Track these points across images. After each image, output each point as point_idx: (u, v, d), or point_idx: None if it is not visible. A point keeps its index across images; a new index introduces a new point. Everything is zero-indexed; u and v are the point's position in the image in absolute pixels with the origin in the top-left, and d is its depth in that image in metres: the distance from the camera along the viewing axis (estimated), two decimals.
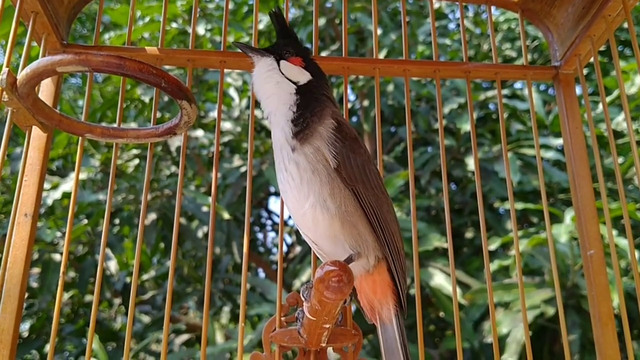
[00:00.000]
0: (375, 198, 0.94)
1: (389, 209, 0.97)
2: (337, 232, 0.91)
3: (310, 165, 0.92)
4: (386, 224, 0.93)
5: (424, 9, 3.94)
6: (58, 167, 3.75)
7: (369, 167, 0.96)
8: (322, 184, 0.91)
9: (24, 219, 1.00)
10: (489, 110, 3.63)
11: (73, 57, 0.83)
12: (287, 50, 1.04)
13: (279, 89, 1.00)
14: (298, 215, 0.96)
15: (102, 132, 1.00)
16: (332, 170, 0.92)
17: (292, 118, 0.97)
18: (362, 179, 0.93)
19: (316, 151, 0.93)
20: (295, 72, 1.02)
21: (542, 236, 2.68)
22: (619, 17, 1.11)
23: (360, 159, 0.95)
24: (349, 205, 0.91)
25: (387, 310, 0.96)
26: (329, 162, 0.92)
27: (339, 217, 0.91)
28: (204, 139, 3.42)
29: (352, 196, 0.92)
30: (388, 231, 0.93)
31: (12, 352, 0.94)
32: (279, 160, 0.97)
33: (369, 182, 0.94)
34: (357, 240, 0.92)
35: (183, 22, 3.42)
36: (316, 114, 0.97)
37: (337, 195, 0.91)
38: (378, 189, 0.96)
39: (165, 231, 3.33)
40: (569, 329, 2.48)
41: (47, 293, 2.95)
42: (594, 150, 1.10)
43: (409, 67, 1.23)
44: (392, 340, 0.94)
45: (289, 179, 0.94)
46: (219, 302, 3.51)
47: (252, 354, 1.03)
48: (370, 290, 0.97)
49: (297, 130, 0.95)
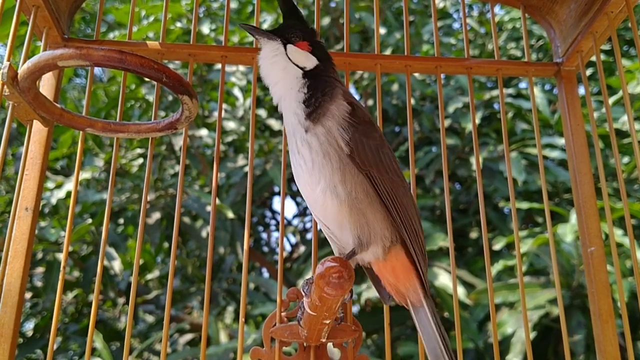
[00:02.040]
0: (390, 182, 0.93)
1: (405, 192, 0.95)
2: (345, 219, 0.91)
3: (322, 149, 0.91)
4: (403, 207, 0.92)
5: (428, 9, 3.94)
6: (62, 167, 3.76)
7: (383, 151, 0.94)
8: (333, 170, 0.90)
9: (25, 213, 1.00)
10: (494, 110, 3.62)
11: (74, 51, 0.84)
12: (294, 33, 1.02)
13: (286, 74, 0.99)
14: (310, 200, 0.95)
15: (103, 127, 1.00)
16: (345, 155, 0.91)
17: (304, 99, 0.95)
18: (377, 163, 0.92)
19: (328, 132, 0.91)
20: (303, 57, 1.01)
21: (547, 236, 2.67)
22: (621, 14, 1.11)
23: (374, 142, 0.93)
24: (360, 192, 0.90)
25: (415, 293, 0.95)
26: (342, 147, 0.91)
27: (348, 204, 0.90)
28: (208, 139, 3.42)
29: (365, 181, 0.91)
30: (405, 214, 0.92)
31: (12, 346, 0.95)
32: (292, 143, 0.96)
33: (384, 166, 0.93)
34: (363, 229, 0.91)
35: (187, 22, 3.43)
36: (327, 93, 0.95)
37: (349, 182, 0.90)
38: (393, 172, 0.94)
39: (170, 230, 3.34)
40: (574, 329, 2.47)
41: (51, 292, 2.95)
42: (595, 147, 1.10)
43: (411, 63, 1.23)
44: (427, 322, 0.94)
45: (301, 163, 0.94)
46: (223, 301, 3.51)
47: (252, 349, 1.03)
48: (391, 276, 0.96)
49: (310, 111, 0.93)
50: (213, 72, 3.48)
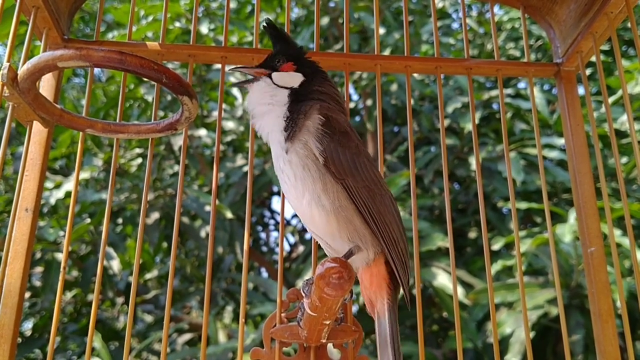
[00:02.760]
0: (366, 190, 0.93)
1: (382, 200, 0.96)
2: (334, 229, 0.92)
3: (301, 161, 0.93)
4: (380, 215, 0.93)
5: (427, 9, 3.94)
6: (61, 167, 3.76)
7: (359, 160, 0.95)
8: (314, 180, 0.92)
9: (25, 213, 1.00)
10: (493, 110, 3.62)
11: (74, 52, 0.83)
12: (278, 59, 1.05)
13: (273, 105, 1.02)
14: (300, 214, 0.97)
15: (103, 128, 1.00)
16: (322, 165, 0.92)
17: (284, 127, 0.98)
18: (352, 172, 0.93)
19: (304, 146, 0.93)
20: (287, 78, 1.03)
21: (546, 236, 2.67)
22: (621, 14, 1.10)
23: (349, 152, 0.95)
24: (343, 200, 0.91)
25: (382, 304, 0.95)
26: (317, 157, 0.92)
27: (334, 213, 0.91)
28: (207, 139, 3.42)
29: (343, 190, 0.92)
30: (382, 223, 0.93)
31: (12, 347, 0.95)
32: (277, 165, 0.98)
33: (360, 175, 0.94)
34: (354, 235, 0.92)
35: (186, 22, 3.43)
36: (303, 112, 0.97)
37: (330, 191, 0.91)
38: (370, 181, 0.95)
39: (168, 230, 3.34)
40: (573, 329, 2.47)
41: (50, 292, 2.95)
42: (595, 147, 1.10)
43: (410, 63, 1.23)
44: (384, 335, 0.93)
45: (285, 179, 0.96)
46: (222, 301, 3.51)
47: (252, 349, 1.03)
48: (368, 283, 0.96)
49: (288, 134, 0.96)
50: (212, 72, 3.48)
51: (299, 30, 3.75)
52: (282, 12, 3.89)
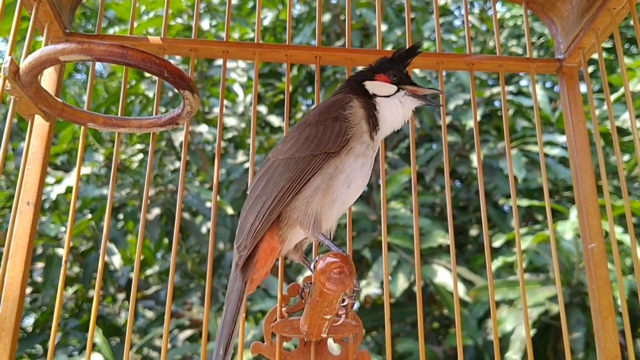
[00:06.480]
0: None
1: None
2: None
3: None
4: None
5: (429, 5, 3.93)
6: (62, 162, 3.76)
7: None
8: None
9: (26, 207, 1.00)
10: (494, 107, 3.61)
11: (76, 46, 0.83)
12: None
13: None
14: (353, 196, 0.98)
15: (105, 122, 1.00)
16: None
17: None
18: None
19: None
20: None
21: (547, 233, 2.67)
22: (623, 10, 1.10)
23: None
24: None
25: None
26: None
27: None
28: (208, 135, 3.42)
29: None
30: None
31: (14, 341, 0.95)
32: (361, 161, 0.99)
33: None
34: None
35: (188, 18, 3.43)
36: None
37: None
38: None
39: (169, 226, 3.34)
40: (574, 327, 2.47)
41: (51, 287, 2.95)
42: (596, 144, 1.10)
43: (412, 59, 1.22)
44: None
45: (366, 169, 0.98)
46: (223, 297, 3.51)
47: (253, 344, 1.03)
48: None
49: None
50: (213, 68, 3.47)
51: (300, 26, 3.74)
52: (283, 9, 3.89)
